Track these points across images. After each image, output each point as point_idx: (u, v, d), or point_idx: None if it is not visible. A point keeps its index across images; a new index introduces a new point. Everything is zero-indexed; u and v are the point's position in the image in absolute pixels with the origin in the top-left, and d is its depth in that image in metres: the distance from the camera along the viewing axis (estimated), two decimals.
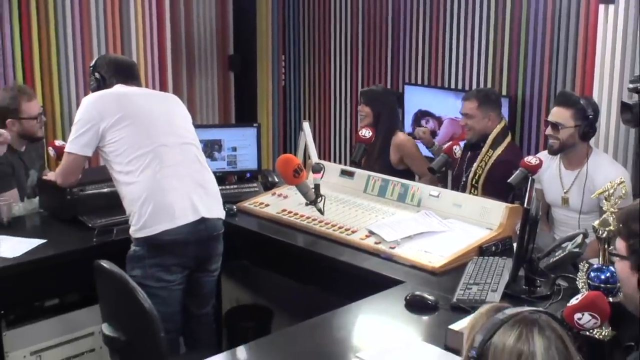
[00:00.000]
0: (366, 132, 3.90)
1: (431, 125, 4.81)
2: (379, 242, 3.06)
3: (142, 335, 2.60)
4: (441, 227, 3.15)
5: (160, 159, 2.95)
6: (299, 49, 6.01)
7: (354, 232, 3.19)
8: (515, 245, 2.66)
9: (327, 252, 3.10)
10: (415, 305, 2.53)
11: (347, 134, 5.76)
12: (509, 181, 3.22)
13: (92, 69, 3.21)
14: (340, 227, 3.25)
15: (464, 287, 2.58)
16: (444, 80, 5.01)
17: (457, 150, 3.71)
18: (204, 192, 3.03)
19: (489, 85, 4.70)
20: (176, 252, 2.93)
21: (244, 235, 3.43)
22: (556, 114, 3.43)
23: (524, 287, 2.60)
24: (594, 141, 3.77)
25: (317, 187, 3.34)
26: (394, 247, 3.00)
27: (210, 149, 3.94)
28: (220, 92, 5.91)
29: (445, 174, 4.31)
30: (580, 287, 2.46)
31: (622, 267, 1.89)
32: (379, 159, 4.16)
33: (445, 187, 4.08)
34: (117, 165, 2.98)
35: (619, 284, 2.17)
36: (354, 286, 2.88)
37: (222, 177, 3.90)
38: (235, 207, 3.58)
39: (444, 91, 4.94)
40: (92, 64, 3.24)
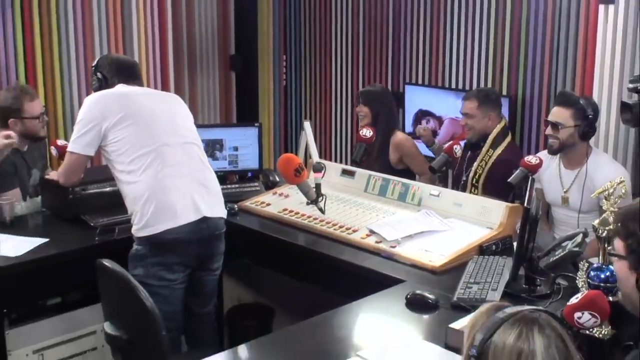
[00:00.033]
0: (367, 132, 3.91)
1: (432, 125, 4.81)
2: (380, 241, 3.06)
3: (144, 333, 2.61)
4: (441, 226, 3.15)
5: (162, 159, 2.96)
6: (300, 49, 6.01)
7: (354, 231, 3.20)
8: (515, 244, 2.66)
9: (328, 251, 3.11)
10: (415, 304, 2.53)
11: (348, 133, 5.76)
12: (509, 180, 3.21)
13: (94, 68, 3.22)
14: (341, 227, 3.26)
15: (465, 286, 2.59)
16: (444, 80, 5.01)
17: (457, 149, 3.71)
18: (206, 191, 3.03)
19: (489, 85, 4.69)
20: (178, 251, 2.94)
21: (246, 234, 3.44)
22: (556, 113, 3.44)
23: (524, 286, 2.60)
24: (593, 141, 3.77)
25: (318, 186, 3.34)
26: (395, 246, 3.01)
27: (211, 149, 3.95)
28: (221, 91, 5.91)
29: (445, 173, 4.31)
30: (580, 286, 2.47)
31: (621, 267, 1.89)
32: (378, 158, 4.16)
33: (445, 186, 4.08)
34: (119, 164, 2.99)
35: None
36: (355, 285, 2.88)
37: (224, 177, 3.90)
38: (236, 206, 3.59)
39: (444, 91, 4.94)
40: (94, 64, 3.25)
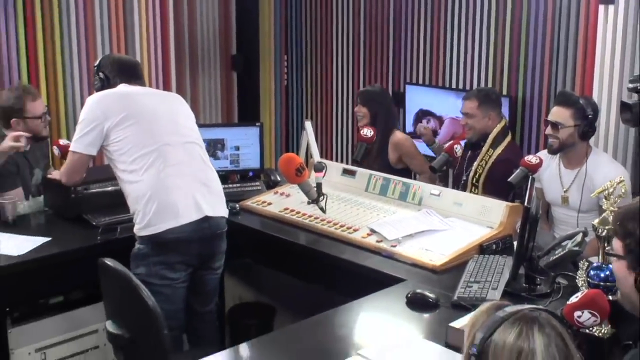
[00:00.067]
0: (368, 131, 3.91)
1: (432, 124, 4.82)
2: (381, 241, 3.07)
3: (146, 332, 2.61)
4: (442, 225, 3.16)
5: (164, 158, 2.96)
6: (301, 49, 6.02)
7: (355, 230, 3.21)
8: (515, 243, 2.67)
9: (329, 250, 3.11)
10: (416, 303, 2.54)
11: (348, 133, 5.77)
12: (509, 180, 3.22)
13: (96, 68, 3.23)
14: (342, 226, 3.26)
15: (465, 285, 2.59)
16: (445, 80, 5.02)
17: (457, 149, 3.72)
18: (208, 190, 3.04)
19: (490, 85, 4.70)
20: (180, 250, 2.95)
21: (247, 233, 3.44)
22: (556, 113, 3.44)
23: (524, 285, 2.61)
24: (593, 140, 3.78)
25: (319, 185, 3.35)
26: (395, 246, 3.02)
27: (213, 148, 3.95)
28: (223, 91, 5.92)
29: (446, 173, 4.32)
30: (580, 285, 2.47)
31: (619, 267, 1.89)
32: (377, 158, 4.17)
33: (446, 186, 4.09)
34: (121, 164, 3.00)
35: None
36: (356, 284, 2.89)
37: (225, 176, 3.90)
38: (238, 205, 3.59)
39: (445, 91, 4.95)
40: (96, 64, 3.26)
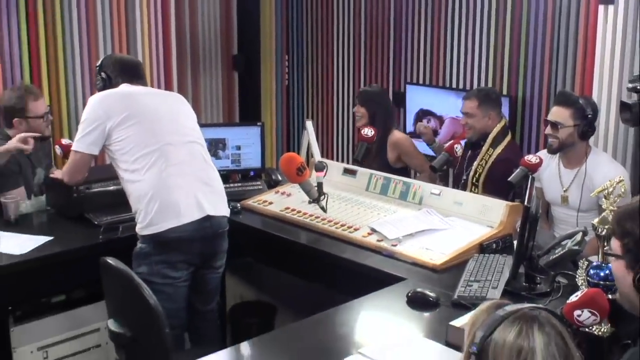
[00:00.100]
0: (368, 131, 3.91)
1: (433, 124, 4.82)
2: (381, 240, 3.08)
3: (148, 331, 2.62)
4: (442, 224, 3.17)
5: (165, 158, 2.97)
6: (302, 49, 6.03)
7: (356, 229, 3.21)
8: (515, 242, 2.68)
9: (329, 249, 3.12)
10: (416, 301, 2.55)
11: (349, 132, 5.78)
12: (510, 179, 3.23)
13: (98, 68, 3.23)
14: (342, 225, 3.27)
15: (465, 284, 2.60)
16: (445, 79, 5.02)
17: (458, 148, 3.73)
18: (209, 190, 3.05)
19: (490, 84, 4.70)
20: (182, 249, 2.96)
21: (248, 232, 3.45)
22: (555, 113, 3.45)
23: (524, 284, 2.61)
24: (593, 140, 3.79)
25: (320, 185, 3.36)
26: (396, 245, 3.02)
27: (214, 148, 3.95)
28: (224, 91, 5.92)
29: (446, 172, 4.33)
30: (579, 284, 2.49)
31: (618, 266, 1.89)
32: (376, 157, 4.17)
33: (446, 185, 4.09)
34: (123, 163, 3.01)
35: None
36: (357, 283, 2.89)
37: (226, 176, 3.91)
38: (239, 205, 3.59)
39: (445, 90, 4.95)
40: (98, 64, 3.27)
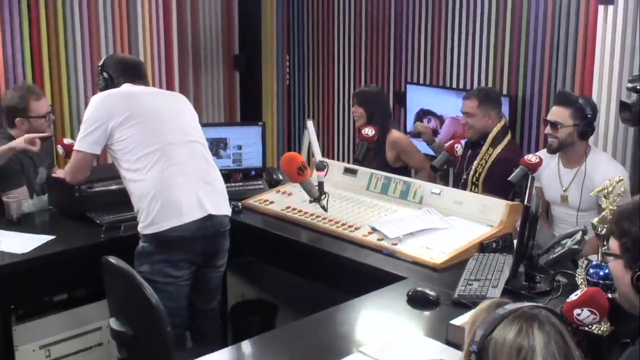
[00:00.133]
0: (369, 131, 3.92)
1: (433, 124, 4.84)
2: (382, 239, 3.09)
3: (149, 329, 2.63)
4: (442, 224, 3.18)
5: (167, 157, 2.98)
6: (303, 49, 6.04)
7: (357, 229, 3.22)
8: (515, 242, 2.69)
9: (330, 248, 3.13)
10: (417, 300, 2.56)
11: (350, 132, 5.79)
12: (509, 179, 3.23)
13: (100, 68, 3.24)
14: (343, 224, 3.28)
15: (465, 283, 2.61)
16: (445, 79, 5.03)
17: (458, 148, 3.73)
18: (211, 189, 3.05)
19: (490, 84, 4.71)
20: (184, 248, 2.96)
21: (249, 231, 3.46)
22: (555, 113, 3.45)
23: (524, 283, 2.62)
24: (593, 140, 3.80)
25: (320, 184, 3.37)
26: (396, 244, 3.03)
27: (216, 147, 3.96)
28: (225, 91, 5.92)
29: (446, 172, 4.33)
30: (579, 283, 2.50)
31: (616, 266, 1.90)
32: (375, 157, 4.17)
33: (447, 185, 4.10)
34: (125, 162, 3.02)
35: None
36: (357, 282, 2.90)
37: (228, 175, 3.91)
38: (240, 204, 3.60)
39: (445, 90, 4.96)
40: (100, 64, 3.27)
